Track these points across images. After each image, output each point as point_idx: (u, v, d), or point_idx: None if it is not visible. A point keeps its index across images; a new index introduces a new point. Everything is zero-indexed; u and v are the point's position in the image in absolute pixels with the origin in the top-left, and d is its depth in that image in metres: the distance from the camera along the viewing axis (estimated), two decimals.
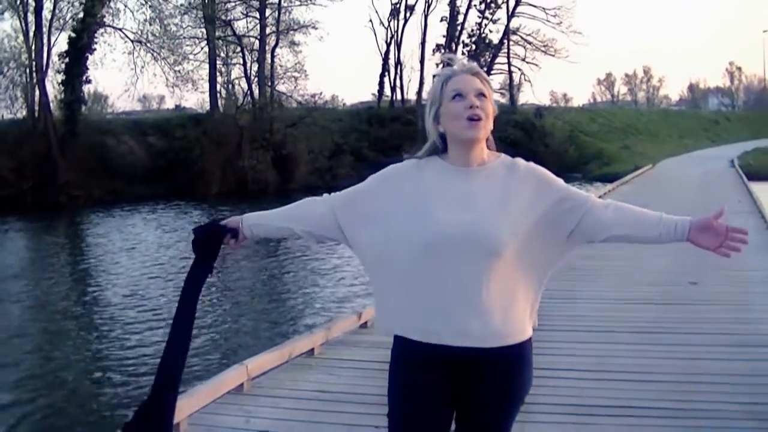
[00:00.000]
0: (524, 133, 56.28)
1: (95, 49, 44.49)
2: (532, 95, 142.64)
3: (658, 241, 3.17)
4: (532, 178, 3.11)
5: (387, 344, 7.91)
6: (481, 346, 3.01)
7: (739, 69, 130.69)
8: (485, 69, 59.12)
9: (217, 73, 50.28)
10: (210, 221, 3.37)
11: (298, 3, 52.69)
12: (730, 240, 3.07)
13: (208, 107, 52.39)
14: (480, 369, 3.06)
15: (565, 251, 3.18)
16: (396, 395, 3.17)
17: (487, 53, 60.16)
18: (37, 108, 43.68)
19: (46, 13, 44.14)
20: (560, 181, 3.16)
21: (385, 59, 59.09)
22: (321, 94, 52.41)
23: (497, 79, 64.01)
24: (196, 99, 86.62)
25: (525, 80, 62.43)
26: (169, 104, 78.12)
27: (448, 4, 57.96)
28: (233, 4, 51.47)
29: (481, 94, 3.08)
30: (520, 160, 3.17)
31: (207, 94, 50.82)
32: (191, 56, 49.77)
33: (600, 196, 3.16)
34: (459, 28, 58.37)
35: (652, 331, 8.31)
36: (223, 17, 50.56)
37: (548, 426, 5.63)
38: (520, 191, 3.06)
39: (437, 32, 73.39)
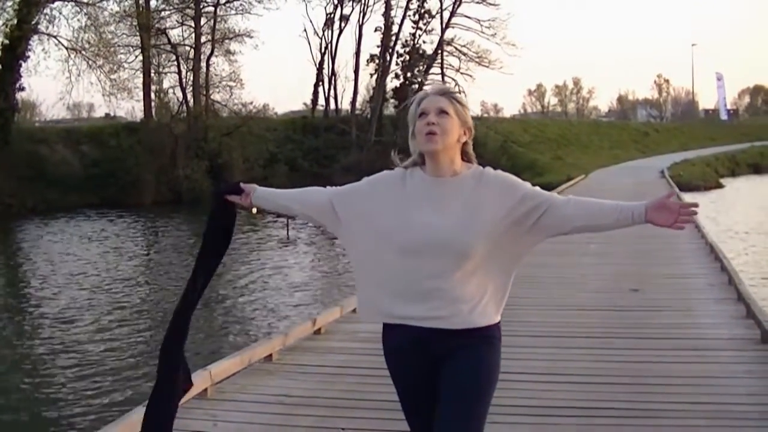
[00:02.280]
0: None
1: (29, 57, 43.92)
2: None
3: (617, 227, 3.51)
4: (498, 183, 3.49)
5: (341, 350, 8.09)
6: (450, 327, 3.41)
7: (667, 81, 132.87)
8: (419, 80, 59.56)
9: (151, 82, 49.88)
10: (227, 183, 3.86)
11: (233, 12, 52.64)
12: (683, 215, 3.34)
13: (140, 116, 52.04)
14: (451, 347, 3.44)
15: (530, 245, 3.56)
16: (393, 379, 3.66)
17: (421, 64, 60.41)
18: None
19: None
20: (525, 184, 3.53)
21: (320, 69, 59.17)
22: (252, 103, 52.19)
23: None
24: (127, 107, 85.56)
25: (460, 91, 62.74)
26: (99, 113, 77.25)
27: (383, 15, 58.22)
28: (168, 12, 51.26)
29: (442, 112, 3.47)
30: (488, 169, 3.55)
31: (141, 102, 50.39)
32: (126, 64, 49.36)
33: None
34: (393, 38, 58.54)
35: (601, 335, 8.55)
36: (158, 25, 50.28)
37: (507, 427, 5.76)
38: (487, 197, 3.44)
39: (372, 42, 73.56)
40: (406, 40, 59.74)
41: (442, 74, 62.26)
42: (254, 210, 3.92)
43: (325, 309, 10.02)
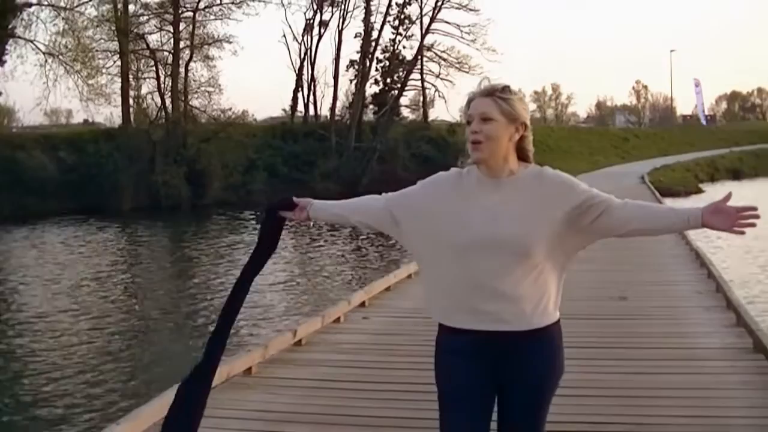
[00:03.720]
0: (437, 150, 56.43)
1: (5, 61, 43.49)
2: (442, 111, 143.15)
3: (672, 231, 3.78)
4: (556, 183, 3.50)
5: (323, 362, 7.84)
6: (514, 329, 3.42)
7: (645, 87, 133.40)
8: (399, 85, 59.48)
9: (130, 87, 49.55)
10: (282, 198, 3.88)
11: (212, 17, 52.25)
12: (741, 219, 3.33)
13: (118, 122, 51.59)
14: (515, 349, 3.46)
15: (584, 244, 3.61)
16: (443, 377, 3.58)
17: (401, 69, 60.25)
18: None
19: None
20: (582, 185, 3.53)
21: (299, 75, 58.92)
22: (231, 109, 51.89)
23: (410, 96, 64.22)
24: (106, 113, 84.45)
25: (440, 96, 62.63)
26: (77, 118, 76.67)
27: (363, 20, 57.94)
28: (147, 17, 50.83)
29: (485, 119, 3.43)
30: (546, 169, 3.55)
31: (119, 108, 50.02)
32: (104, 70, 48.94)
33: None
34: (373, 44, 58.36)
35: (589, 346, 8.31)
36: (137, 30, 49.92)
37: None
38: (546, 198, 3.45)
39: (351, 48, 73.33)
40: (386, 46, 59.61)
41: (422, 80, 62.17)
42: (311, 224, 4.12)
43: (306, 319, 9.76)
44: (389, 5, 58.15)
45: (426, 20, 59.62)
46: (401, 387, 7.07)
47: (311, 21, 57.96)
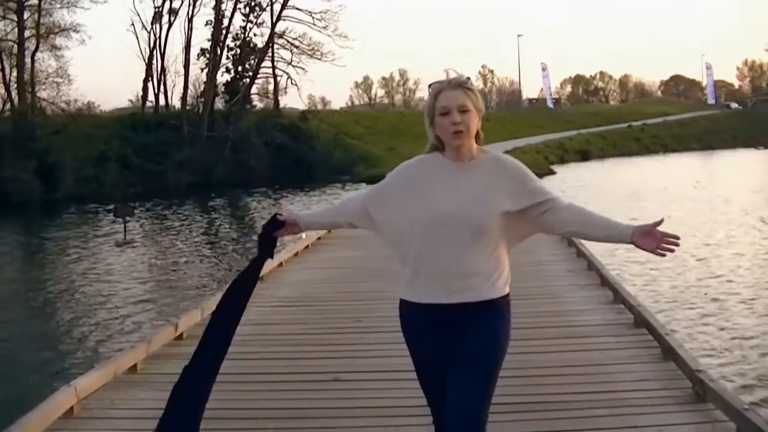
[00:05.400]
0: (290, 137, 56.42)
1: None
2: (293, 99, 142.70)
3: (606, 241, 3.95)
4: (516, 172, 3.81)
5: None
6: (465, 301, 3.70)
7: (492, 71, 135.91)
8: (250, 73, 59.09)
9: None
10: (272, 217, 4.08)
11: (58, 5, 50.92)
12: (665, 243, 3.64)
13: None
14: (464, 318, 3.72)
15: (529, 233, 3.94)
16: (411, 351, 3.93)
17: (253, 57, 59.94)
18: None
19: None
20: (536, 179, 3.86)
21: (149, 64, 57.94)
22: (77, 101, 50.67)
23: (260, 83, 63.94)
24: None
25: (292, 84, 62.48)
26: None
27: (213, 8, 57.46)
28: None
29: (463, 111, 3.70)
30: (505, 157, 3.90)
31: None
32: None
33: None
34: (224, 31, 57.91)
35: None
36: None
37: (392, 429, 5.61)
38: (502, 183, 3.75)
39: (202, 36, 72.33)
40: (237, 34, 59.39)
41: (273, 67, 62.00)
42: (304, 235, 4.14)
43: (186, 312, 9.50)
44: None
45: (277, 7, 59.63)
46: (285, 377, 7.00)
47: (160, 9, 57.13)
